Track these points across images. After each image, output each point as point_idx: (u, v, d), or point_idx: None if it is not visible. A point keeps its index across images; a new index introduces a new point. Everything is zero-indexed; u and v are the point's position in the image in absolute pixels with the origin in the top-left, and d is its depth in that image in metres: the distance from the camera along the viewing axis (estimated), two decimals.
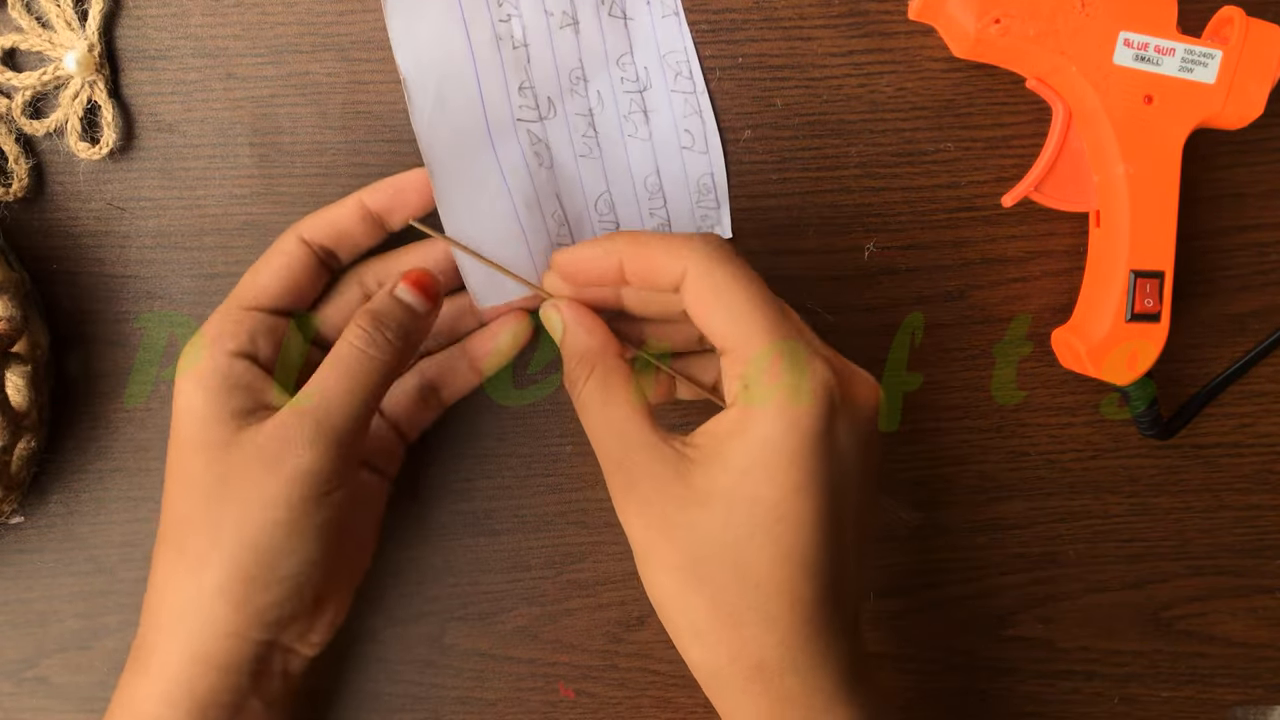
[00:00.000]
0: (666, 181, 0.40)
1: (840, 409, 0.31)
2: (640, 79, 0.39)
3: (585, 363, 0.34)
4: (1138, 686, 0.45)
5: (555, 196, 0.39)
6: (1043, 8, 0.38)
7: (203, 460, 0.33)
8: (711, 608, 0.31)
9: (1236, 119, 0.39)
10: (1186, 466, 0.45)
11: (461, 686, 0.43)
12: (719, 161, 0.40)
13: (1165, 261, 0.40)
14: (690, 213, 0.40)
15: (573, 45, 0.39)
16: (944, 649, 0.45)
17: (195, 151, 0.40)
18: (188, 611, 0.34)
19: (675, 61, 0.40)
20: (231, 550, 0.33)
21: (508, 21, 0.38)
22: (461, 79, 0.37)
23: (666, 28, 0.39)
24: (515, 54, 0.38)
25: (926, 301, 0.43)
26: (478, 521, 0.43)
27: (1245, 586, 0.45)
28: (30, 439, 0.38)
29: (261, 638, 0.34)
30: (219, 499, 0.33)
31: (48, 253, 0.40)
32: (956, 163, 0.42)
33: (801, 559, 0.31)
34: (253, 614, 0.34)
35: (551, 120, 0.39)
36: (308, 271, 0.36)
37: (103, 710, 0.36)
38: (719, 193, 0.40)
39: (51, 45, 0.38)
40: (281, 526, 0.33)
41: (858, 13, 0.41)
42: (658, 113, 0.40)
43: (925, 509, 0.44)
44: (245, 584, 0.33)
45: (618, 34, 0.39)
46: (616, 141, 0.40)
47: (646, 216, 0.40)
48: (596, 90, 0.39)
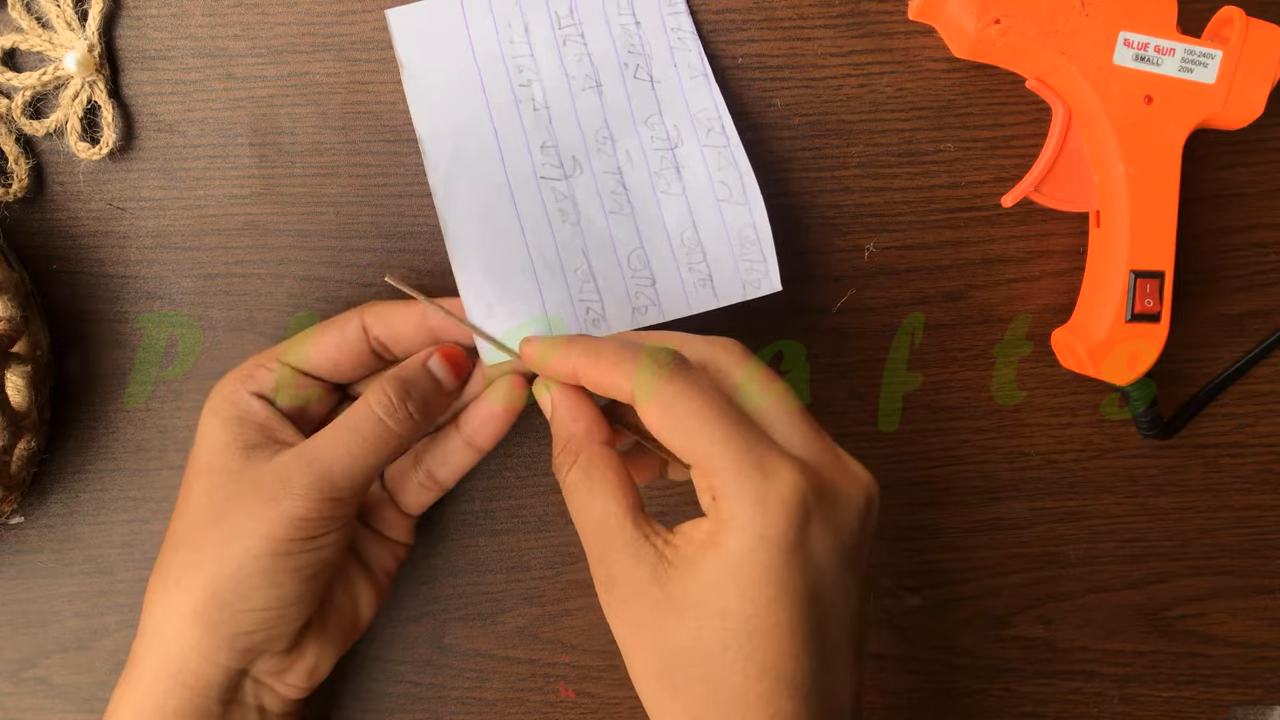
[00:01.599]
0: (705, 235, 0.39)
1: (816, 514, 0.30)
2: (670, 137, 0.39)
3: (569, 451, 0.34)
4: (1138, 686, 0.45)
5: (581, 253, 0.38)
6: (1043, 8, 0.38)
7: (206, 485, 0.35)
8: (688, 718, 0.30)
9: (1236, 119, 0.39)
10: (1186, 466, 0.45)
11: (461, 686, 0.43)
12: (760, 211, 0.39)
13: (1165, 261, 0.40)
14: (734, 265, 0.39)
15: (597, 107, 0.39)
16: (944, 649, 0.45)
17: (195, 151, 0.40)
18: (163, 627, 0.35)
19: (706, 119, 0.39)
20: (211, 572, 0.34)
21: (528, 86, 0.38)
22: (480, 139, 0.38)
23: (695, 89, 0.39)
24: (536, 115, 0.38)
25: (926, 301, 0.43)
26: (478, 521, 0.43)
27: (1245, 586, 0.45)
28: (30, 439, 0.38)
29: (232, 665, 0.35)
30: (211, 523, 0.34)
31: (48, 253, 0.40)
32: (956, 163, 0.42)
33: (779, 673, 0.30)
34: (223, 639, 0.34)
35: (577, 178, 0.39)
36: (355, 357, 0.37)
37: (102, 710, 0.36)
38: (763, 244, 0.39)
39: (51, 45, 0.38)
40: (262, 560, 0.33)
41: (858, 13, 0.41)
42: (690, 168, 0.39)
43: (925, 509, 0.44)
44: (219, 608, 0.34)
45: (644, 96, 0.39)
46: (648, 198, 0.39)
47: (685, 271, 0.39)
48: (625, 149, 0.39)
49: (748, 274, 0.39)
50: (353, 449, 0.33)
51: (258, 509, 0.33)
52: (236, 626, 0.34)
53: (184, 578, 0.34)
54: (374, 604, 0.39)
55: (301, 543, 0.33)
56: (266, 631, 0.34)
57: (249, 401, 0.35)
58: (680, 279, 0.39)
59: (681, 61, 0.39)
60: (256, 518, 0.33)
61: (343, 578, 0.38)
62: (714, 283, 0.39)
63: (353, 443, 0.33)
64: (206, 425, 0.35)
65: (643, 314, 0.39)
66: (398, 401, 0.34)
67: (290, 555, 0.33)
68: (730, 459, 0.30)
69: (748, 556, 0.30)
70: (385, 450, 0.34)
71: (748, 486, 0.30)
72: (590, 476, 0.33)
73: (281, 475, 0.33)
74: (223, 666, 0.35)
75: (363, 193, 0.40)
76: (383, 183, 0.40)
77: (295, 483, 0.33)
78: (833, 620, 0.31)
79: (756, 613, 0.29)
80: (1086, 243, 0.42)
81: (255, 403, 0.35)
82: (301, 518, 0.33)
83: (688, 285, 0.39)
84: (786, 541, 0.30)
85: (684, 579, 0.30)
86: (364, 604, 0.39)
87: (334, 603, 0.38)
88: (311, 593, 0.35)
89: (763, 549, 0.30)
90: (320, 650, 0.37)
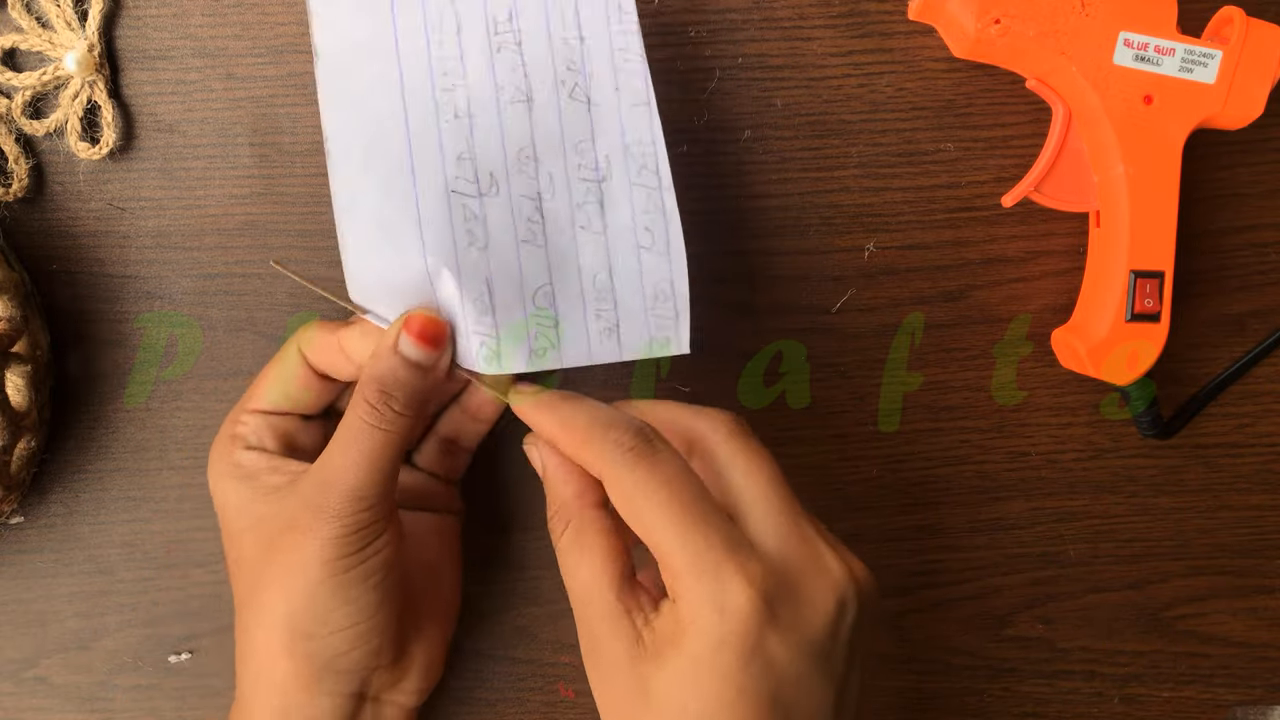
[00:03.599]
0: (619, 282, 0.36)
1: (776, 617, 0.30)
2: (600, 168, 0.36)
3: (561, 516, 0.34)
4: (1138, 686, 0.45)
5: (485, 281, 0.35)
6: (1043, 8, 0.38)
7: (249, 541, 0.35)
8: None
9: (1236, 119, 0.39)
10: (1186, 466, 0.45)
11: (461, 686, 0.43)
12: (681, 267, 0.36)
13: (1165, 261, 0.40)
14: (644, 319, 0.36)
15: (524, 123, 0.35)
16: (944, 649, 0.45)
17: (195, 151, 0.40)
18: (261, 676, 0.34)
19: (640, 154, 0.36)
20: (282, 614, 0.34)
21: (451, 91, 0.35)
22: (392, 144, 0.35)
23: (635, 118, 0.36)
24: (457, 123, 0.35)
25: (926, 301, 0.43)
26: (478, 521, 0.43)
27: (1245, 586, 0.45)
28: (30, 439, 0.38)
29: (346, 689, 0.35)
30: (265, 569, 0.34)
31: (48, 253, 0.40)
32: (956, 163, 0.42)
33: None
34: (320, 668, 0.34)
35: (492, 197, 0.35)
36: (308, 385, 0.36)
37: (103, 710, 0.36)
38: (678, 302, 0.36)
39: (51, 45, 0.38)
40: (324, 584, 0.33)
41: (858, 13, 0.41)
42: (616, 207, 0.36)
43: (925, 509, 0.44)
44: (304, 640, 0.34)
45: (578, 118, 0.36)
46: (565, 231, 0.36)
47: (592, 318, 0.36)
48: (548, 173, 0.35)
49: (657, 330, 0.36)
50: (358, 461, 0.33)
51: (301, 542, 0.33)
52: (330, 650, 0.34)
53: (260, 622, 0.34)
54: (456, 579, 0.39)
55: (354, 556, 0.33)
56: (364, 648, 0.34)
57: (244, 456, 0.35)
58: (586, 326, 0.36)
59: (625, 85, 0.36)
60: (304, 550, 0.33)
61: (419, 569, 0.38)
62: (620, 334, 0.36)
63: (357, 455, 0.33)
64: (220, 491, 0.36)
65: (540, 357, 0.36)
66: (379, 405, 0.33)
67: (351, 570, 0.33)
68: (688, 562, 0.30)
69: (706, 660, 0.30)
70: (391, 450, 0.34)
71: (704, 595, 0.30)
72: (580, 544, 0.33)
73: (308, 505, 0.33)
74: (334, 694, 0.34)
75: None
76: None
77: (323, 508, 0.33)
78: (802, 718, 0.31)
79: (715, 713, 0.30)
80: (1086, 243, 0.42)
81: (250, 455, 0.35)
82: (342, 535, 0.33)
83: (592, 333, 0.36)
84: (744, 647, 0.30)
85: (653, 669, 0.31)
86: (448, 583, 0.39)
87: (420, 596, 0.37)
88: (387, 598, 0.34)
89: (721, 653, 0.30)
90: (427, 646, 0.37)
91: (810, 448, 0.43)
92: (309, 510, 0.33)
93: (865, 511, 0.44)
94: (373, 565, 0.34)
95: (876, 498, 0.44)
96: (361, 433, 0.33)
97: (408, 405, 0.34)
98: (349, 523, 0.33)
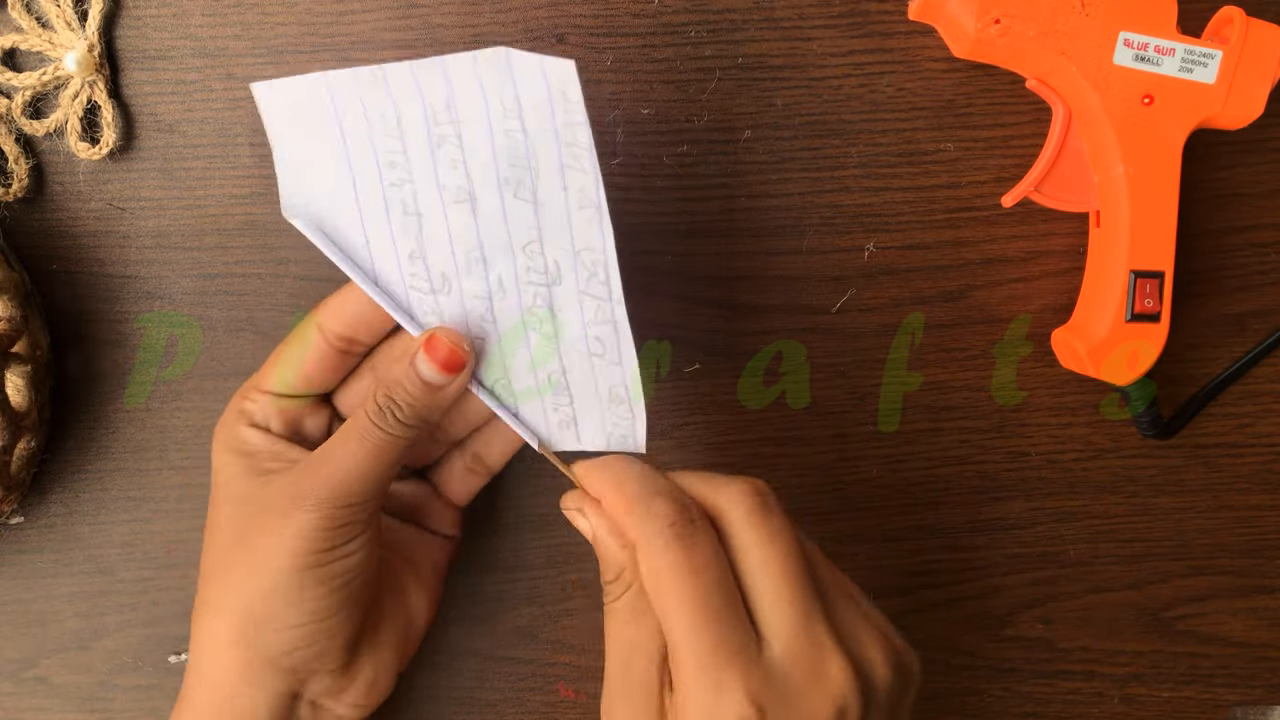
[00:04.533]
0: (573, 381, 0.36)
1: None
2: (549, 271, 0.34)
3: (623, 580, 0.33)
4: (1138, 686, 0.45)
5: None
6: (1043, 8, 0.38)
7: (227, 512, 0.35)
8: None
9: (1236, 119, 0.39)
10: (1186, 466, 0.45)
11: (461, 686, 0.43)
12: (634, 373, 0.35)
13: (1165, 261, 0.40)
14: (600, 417, 0.36)
15: (469, 224, 0.34)
16: (944, 649, 0.45)
17: (195, 151, 0.40)
18: (205, 656, 0.34)
19: (590, 261, 0.34)
20: (242, 596, 0.33)
21: (399, 186, 0.33)
22: (351, 237, 0.34)
23: (584, 222, 0.33)
24: (405, 221, 0.34)
25: (926, 301, 0.43)
26: (478, 521, 0.43)
27: (1245, 586, 0.45)
28: (30, 439, 0.38)
29: (280, 688, 0.34)
30: (235, 547, 0.34)
31: (48, 253, 0.40)
32: (956, 163, 0.42)
33: None
34: (266, 661, 0.34)
35: (445, 295, 0.35)
36: (323, 361, 0.36)
37: (103, 710, 0.36)
38: (634, 405, 0.36)
39: (51, 45, 0.38)
40: (288, 575, 0.33)
41: (858, 13, 0.41)
42: (566, 311, 0.35)
43: (925, 509, 0.44)
44: (255, 630, 0.33)
45: (524, 219, 0.34)
46: (518, 333, 0.35)
47: (550, 410, 0.36)
48: (498, 275, 0.34)
49: (614, 428, 0.37)
50: (356, 456, 0.33)
51: (276, 525, 0.33)
52: (277, 647, 0.34)
53: (218, 605, 0.34)
54: (428, 605, 0.39)
55: (324, 554, 0.33)
56: (308, 649, 0.34)
57: (249, 433, 0.35)
58: (545, 417, 0.37)
59: (573, 184, 0.33)
60: (277, 534, 0.33)
61: (390, 584, 0.38)
62: (579, 427, 0.37)
63: (355, 450, 0.33)
64: (219, 461, 0.35)
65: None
66: (386, 408, 0.33)
67: (315, 568, 0.33)
68: (693, 661, 0.30)
69: None
70: (389, 454, 0.34)
71: (701, 699, 0.30)
72: (636, 609, 0.32)
73: (293, 490, 0.33)
74: (270, 690, 0.34)
75: None
76: None
77: (307, 494, 0.33)
78: None
79: None
80: (1086, 243, 0.42)
81: (254, 433, 0.35)
82: (318, 528, 0.33)
83: (552, 424, 0.37)
84: None
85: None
86: (417, 607, 0.38)
87: (383, 611, 0.37)
88: (347, 603, 0.34)
89: None
90: (377, 662, 0.37)
91: (810, 448, 0.43)
92: (291, 496, 0.33)
93: (865, 511, 0.44)
94: (338, 568, 0.34)
95: (876, 498, 0.44)
96: (364, 430, 0.33)
97: (413, 416, 0.34)
98: (327, 516, 0.33)
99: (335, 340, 0.36)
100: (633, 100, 0.41)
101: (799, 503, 0.43)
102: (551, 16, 0.40)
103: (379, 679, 0.37)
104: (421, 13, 0.40)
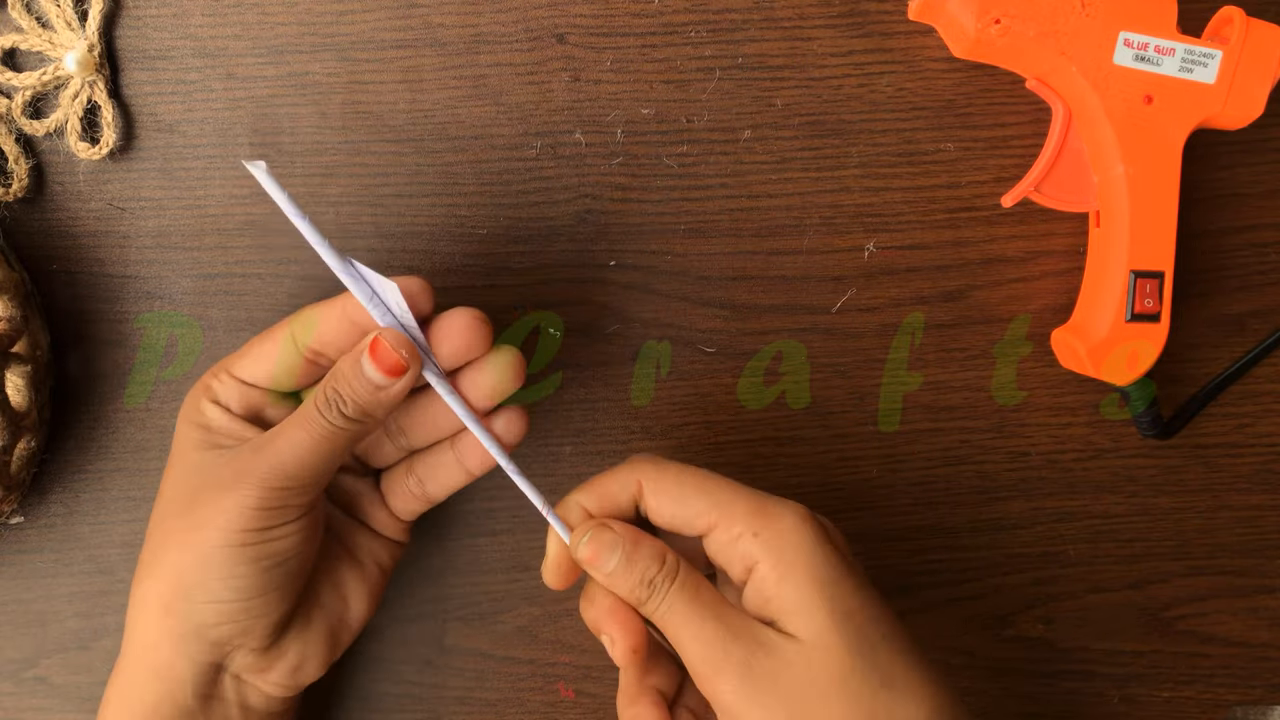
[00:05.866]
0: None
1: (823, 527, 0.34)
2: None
3: (669, 572, 0.34)
4: (1138, 686, 0.45)
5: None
6: (1043, 8, 0.38)
7: (174, 480, 0.35)
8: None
9: (1236, 119, 0.39)
10: (1186, 466, 0.45)
11: (461, 686, 0.43)
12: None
13: (1165, 261, 0.40)
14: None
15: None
16: (944, 649, 0.45)
17: (195, 151, 0.40)
18: (138, 619, 0.35)
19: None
20: (176, 563, 0.34)
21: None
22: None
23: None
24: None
25: (926, 301, 0.43)
26: (478, 521, 0.43)
27: (1245, 586, 0.45)
28: (30, 439, 0.38)
29: (203, 658, 0.35)
30: (178, 514, 0.34)
31: (48, 253, 0.40)
32: (956, 163, 0.42)
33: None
34: (190, 631, 0.34)
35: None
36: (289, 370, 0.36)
37: None
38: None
39: (51, 45, 0.38)
40: (221, 550, 0.33)
41: (858, 13, 0.41)
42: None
43: (925, 509, 0.44)
44: (183, 599, 0.34)
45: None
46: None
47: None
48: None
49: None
50: (300, 442, 0.34)
51: (217, 498, 0.33)
52: (201, 618, 0.34)
53: (154, 569, 0.35)
54: (367, 602, 0.39)
55: (257, 533, 0.33)
56: (232, 625, 0.34)
57: (209, 409, 0.36)
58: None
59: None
60: (216, 507, 0.33)
61: (329, 574, 0.38)
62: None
63: (299, 436, 0.34)
64: (180, 430, 0.36)
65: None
66: (333, 401, 0.34)
67: (247, 546, 0.33)
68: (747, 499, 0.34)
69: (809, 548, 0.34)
70: (332, 444, 0.34)
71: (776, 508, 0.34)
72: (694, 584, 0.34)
73: (236, 466, 0.34)
74: (194, 659, 0.35)
75: (363, 193, 0.40)
76: (382, 183, 0.41)
77: (249, 472, 0.33)
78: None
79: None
80: (1086, 243, 0.42)
81: (215, 410, 0.36)
82: (253, 507, 0.33)
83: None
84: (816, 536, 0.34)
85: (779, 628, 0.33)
86: (355, 602, 0.38)
87: (319, 601, 0.37)
88: (276, 586, 0.35)
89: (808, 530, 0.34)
90: (304, 649, 0.37)
91: (810, 448, 0.43)
92: (235, 471, 0.34)
93: (865, 511, 0.44)
94: (270, 549, 0.34)
95: (876, 498, 0.44)
96: (310, 419, 0.34)
97: (357, 411, 0.34)
98: (263, 496, 0.33)
99: (306, 351, 0.36)
100: (633, 100, 0.41)
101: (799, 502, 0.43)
102: (551, 16, 0.40)
103: (305, 664, 0.37)
104: (421, 12, 0.40)
